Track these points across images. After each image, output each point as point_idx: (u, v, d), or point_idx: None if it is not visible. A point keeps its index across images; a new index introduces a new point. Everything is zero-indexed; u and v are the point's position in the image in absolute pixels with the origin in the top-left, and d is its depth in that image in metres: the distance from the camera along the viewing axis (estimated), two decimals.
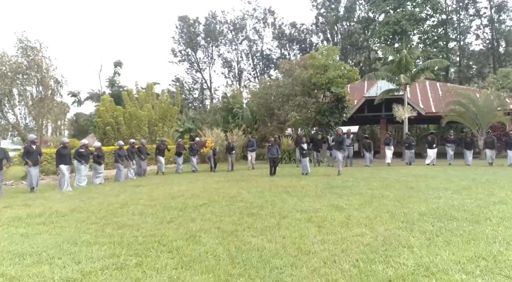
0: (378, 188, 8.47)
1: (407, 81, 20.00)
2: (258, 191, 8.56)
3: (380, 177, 10.95)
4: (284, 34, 51.76)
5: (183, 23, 51.97)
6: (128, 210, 6.60)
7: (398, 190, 8.07)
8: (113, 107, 21.18)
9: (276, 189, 8.91)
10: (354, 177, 11.04)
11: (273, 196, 7.81)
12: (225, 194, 8.36)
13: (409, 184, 9.00)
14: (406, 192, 7.75)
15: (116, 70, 52.38)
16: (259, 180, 11.30)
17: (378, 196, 7.33)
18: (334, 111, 19.54)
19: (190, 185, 10.53)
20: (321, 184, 9.43)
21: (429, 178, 10.36)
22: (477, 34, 41.11)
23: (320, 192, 8.19)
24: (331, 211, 6.00)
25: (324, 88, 19.31)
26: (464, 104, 20.92)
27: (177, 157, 15.35)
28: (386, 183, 9.44)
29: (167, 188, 9.92)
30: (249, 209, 6.32)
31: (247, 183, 10.42)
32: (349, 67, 19.64)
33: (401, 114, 21.17)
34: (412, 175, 11.14)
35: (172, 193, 8.79)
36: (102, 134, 20.61)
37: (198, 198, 7.86)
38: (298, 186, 9.19)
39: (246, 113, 25.56)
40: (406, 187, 8.49)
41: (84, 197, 8.68)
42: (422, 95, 27.34)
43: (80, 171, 11.23)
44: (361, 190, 8.29)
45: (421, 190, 8.04)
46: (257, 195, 8.04)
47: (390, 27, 38.96)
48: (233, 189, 9.16)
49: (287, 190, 8.56)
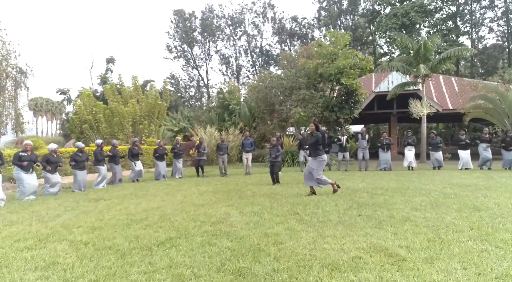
0: (427, 208, 5.87)
1: (427, 72, 17.41)
2: (254, 212, 5.96)
3: (415, 187, 8.35)
4: (284, 29, 49.14)
5: (178, 17, 49.38)
6: (39, 254, 4.00)
7: (461, 212, 5.47)
8: (92, 103, 18.56)
9: (280, 208, 6.31)
10: (381, 187, 8.43)
11: (277, 222, 5.21)
12: (206, 216, 5.77)
13: (466, 201, 6.40)
14: (477, 217, 5.16)
15: (108, 67, 50.00)
16: (257, 190, 8.70)
17: (440, 225, 4.73)
18: (344, 107, 16.91)
19: (165, 199, 7.92)
20: (342, 200, 6.83)
21: (484, 189, 7.77)
22: (490, 27, 38.54)
23: (345, 214, 5.59)
24: (381, 262, 3.41)
25: (332, 80, 16.69)
26: (491, 99, 18.30)
27: (158, 161, 12.69)
28: (431, 198, 6.84)
29: (132, 204, 7.32)
30: (238, 256, 3.71)
31: (241, 197, 7.81)
32: (362, 56, 17.01)
33: (419, 110, 18.61)
34: (456, 185, 8.54)
35: (133, 214, 6.19)
36: (79, 134, 17.98)
37: (164, 225, 5.26)
38: (310, 203, 6.59)
39: (243, 110, 22.94)
40: (467, 207, 5.89)
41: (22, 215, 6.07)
42: (437, 91, 24.85)
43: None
44: (404, 211, 5.69)
45: (496, 212, 5.44)
46: (252, 219, 5.43)
47: (398, 19, 36.45)
48: (219, 207, 6.56)
49: (295, 211, 5.95)
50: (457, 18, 38.55)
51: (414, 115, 18.89)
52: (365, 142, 13.87)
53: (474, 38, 38.97)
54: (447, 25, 38.87)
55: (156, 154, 12.76)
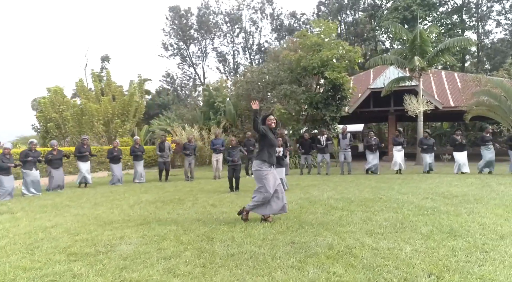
0: (387, 231, 4.35)
1: (422, 65, 15.76)
2: (159, 236, 4.50)
3: (390, 198, 6.82)
4: (283, 25, 47.56)
5: (174, 14, 48.11)
6: None
7: (429, 239, 3.95)
8: (60, 100, 17.26)
9: (198, 229, 4.84)
10: (348, 198, 6.91)
11: (164, 257, 3.74)
12: (88, 243, 4.33)
13: (443, 220, 4.86)
14: (447, 249, 3.64)
15: (103, 65, 49.03)
16: (203, 200, 7.26)
17: (388, 266, 3.23)
18: (330, 103, 15.34)
19: (78, 213, 6.52)
20: (285, 218, 5.34)
21: (473, 201, 6.20)
22: (498, 21, 36.47)
23: (271, 241, 4.11)
24: None
25: (317, 73, 15.13)
26: (495, 95, 16.54)
27: (112, 164, 11.29)
28: (400, 215, 5.31)
29: (38, 220, 5.93)
30: None
31: (171, 210, 6.38)
32: (349, 47, 15.39)
33: (415, 107, 16.98)
34: (441, 195, 6.97)
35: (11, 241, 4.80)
36: (44, 133, 16.70)
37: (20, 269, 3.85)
38: (240, 223, 5.12)
39: (228, 108, 21.49)
40: (440, 230, 4.35)
41: None
42: (438, 87, 23.14)
43: None
44: (354, 236, 4.19)
45: (476, 241, 3.91)
46: (139, 250, 3.98)
47: (400, 13, 34.65)
48: (124, 228, 5.12)
49: (211, 235, 4.47)
50: (462, 12, 36.60)
51: (410, 113, 17.29)
52: (347, 141, 12.28)
53: (480, 32, 36.97)
54: (451, 19, 36.93)
55: (110, 155, 11.38)
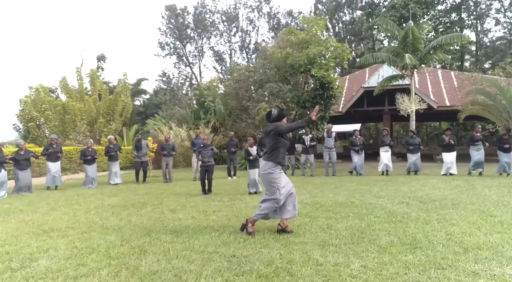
0: (342, 243, 3.87)
1: (414, 62, 15.24)
2: (92, 249, 4.04)
3: (362, 203, 6.32)
4: (280, 24, 47.07)
5: (170, 13, 47.68)
6: None
7: (384, 254, 3.46)
8: (42, 99, 16.83)
9: (158, 245, 4.37)
10: (317, 203, 6.43)
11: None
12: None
13: (409, 228, 4.36)
14: (399, 266, 3.15)
15: (99, 64, 48.67)
16: (169, 204, 6.80)
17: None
18: (318, 102, 14.84)
19: (32, 218, 6.07)
20: (225, 232, 4.87)
21: (450, 207, 5.70)
22: (496, 19, 35.87)
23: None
24: None
25: (304, 71, 14.65)
26: (490, 93, 16.00)
27: (86, 166, 10.82)
28: (364, 223, 4.82)
29: None
30: None
31: (134, 220, 5.92)
32: (338, 44, 14.89)
33: (407, 106, 16.48)
34: (418, 200, 6.47)
35: None
36: (25, 132, 16.28)
37: None
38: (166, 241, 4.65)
39: (218, 107, 21.03)
40: (402, 241, 3.85)
41: None
42: (434, 86, 22.61)
43: None
44: (304, 249, 3.72)
45: (435, 256, 3.42)
46: (48, 265, 3.51)
47: (397, 11, 34.11)
48: (60, 238, 4.66)
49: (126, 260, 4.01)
50: (461, 10, 36.02)
51: (402, 112, 16.79)
52: (332, 140, 11.77)
53: (479, 30, 36.37)
54: (450, 17, 36.36)
55: (83, 156, 10.91)
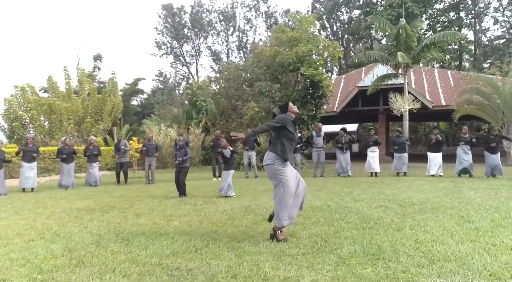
0: (301, 255, 3.55)
1: (406, 61, 14.91)
2: (25, 259, 3.72)
3: (339, 206, 6.00)
4: (277, 23, 46.73)
5: (167, 12, 47.39)
6: None
7: (341, 264, 3.14)
8: (28, 98, 16.54)
9: (100, 257, 4.05)
10: None
11: None
12: None
13: (377, 236, 4.05)
14: (354, 278, 2.83)
15: (95, 64, 48.38)
16: (143, 208, 6.49)
17: None
18: (308, 102, 14.53)
19: None
20: (180, 240, 4.55)
21: (429, 211, 5.37)
22: (495, 18, 35.47)
23: None
24: None
25: (294, 70, 14.33)
26: (484, 93, 15.66)
27: (63, 164, 10.50)
28: (332, 229, 4.49)
29: None
30: None
31: (91, 226, 5.61)
32: (329, 42, 14.56)
33: (400, 106, 16.16)
34: (398, 203, 6.13)
35: None
36: (10, 132, 15.98)
37: None
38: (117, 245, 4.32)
39: (209, 107, 20.73)
40: (364, 251, 3.53)
41: None
42: (430, 85, 22.25)
43: None
44: (255, 260, 3.40)
45: (402, 264, 3.09)
46: None
47: (394, 10, 33.74)
48: (2, 255, 4.36)
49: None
50: (459, 8, 35.65)
51: (395, 112, 16.47)
52: (321, 140, 11.42)
53: (477, 29, 35.99)
54: (448, 16, 35.99)
55: (60, 155, 10.58)
